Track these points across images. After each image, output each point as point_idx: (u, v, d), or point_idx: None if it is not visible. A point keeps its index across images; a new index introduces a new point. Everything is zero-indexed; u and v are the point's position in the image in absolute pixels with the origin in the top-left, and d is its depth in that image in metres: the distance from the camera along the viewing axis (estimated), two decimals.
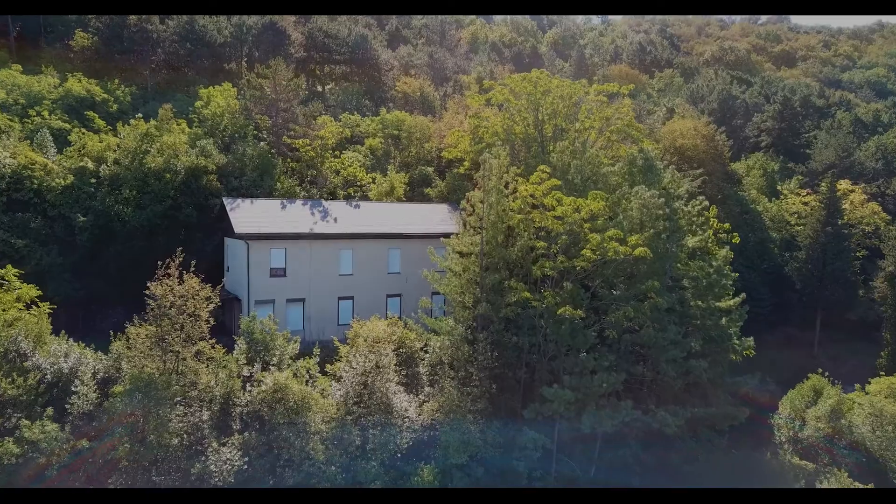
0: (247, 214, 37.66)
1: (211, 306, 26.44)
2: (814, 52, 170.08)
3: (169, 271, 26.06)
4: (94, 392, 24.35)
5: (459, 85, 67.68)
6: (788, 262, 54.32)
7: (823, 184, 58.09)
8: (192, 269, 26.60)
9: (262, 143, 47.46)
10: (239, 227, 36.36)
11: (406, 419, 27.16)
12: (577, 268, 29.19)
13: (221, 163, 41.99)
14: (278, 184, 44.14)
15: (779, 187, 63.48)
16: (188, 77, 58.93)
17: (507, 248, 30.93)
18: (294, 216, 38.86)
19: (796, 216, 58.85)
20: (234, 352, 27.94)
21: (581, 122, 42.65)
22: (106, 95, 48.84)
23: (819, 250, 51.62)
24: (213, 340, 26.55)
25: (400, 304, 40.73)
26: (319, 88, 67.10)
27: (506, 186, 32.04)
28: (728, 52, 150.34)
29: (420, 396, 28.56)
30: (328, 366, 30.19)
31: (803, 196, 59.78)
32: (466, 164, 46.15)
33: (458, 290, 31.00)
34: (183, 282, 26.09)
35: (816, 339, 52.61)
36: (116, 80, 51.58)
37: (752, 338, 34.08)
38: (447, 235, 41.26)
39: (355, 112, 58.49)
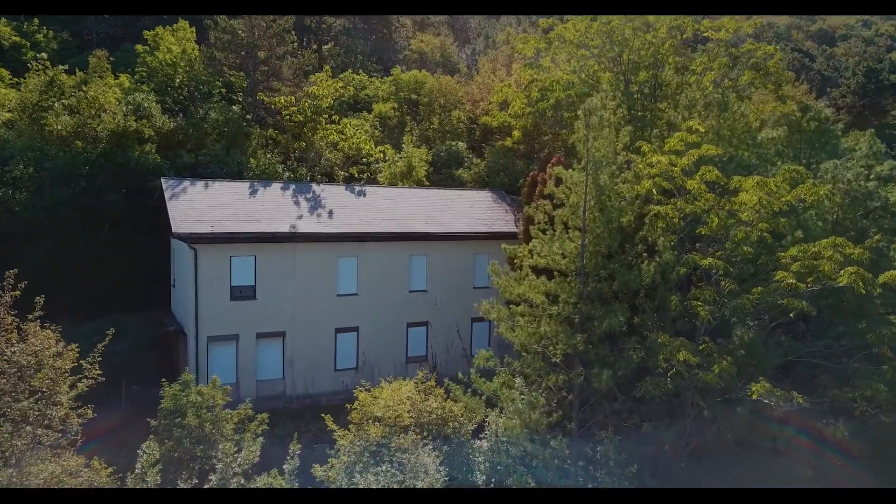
0: (195, 204, 24.64)
1: (83, 384, 13.45)
2: (854, 31, 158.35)
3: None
4: None
5: (493, 41, 54.26)
6: None
7: None
8: (40, 308, 13.53)
9: (234, 107, 34.39)
10: (181, 222, 23.34)
11: None
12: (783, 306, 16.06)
13: (167, 128, 28.89)
14: (252, 160, 31.13)
15: None
16: (146, 24, 45.60)
17: (631, 265, 17.85)
18: (270, 207, 25.86)
19: None
20: (138, 463, 14.90)
21: (685, 74, 29.51)
22: (18, 39, 35.63)
23: None
24: (78, 459, 13.42)
25: (427, 337, 27.80)
26: (315, 47, 53.74)
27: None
28: (766, 29, 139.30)
29: None
30: (316, 468, 17.17)
31: None
32: (516, 133, 33.03)
33: (537, 337, 17.96)
34: (24, 337, 13.14)
35: None
36: (36, 21, 38.27)
37: None
38: (495, 236, 28.48)
39: (361, 71, 45.26)
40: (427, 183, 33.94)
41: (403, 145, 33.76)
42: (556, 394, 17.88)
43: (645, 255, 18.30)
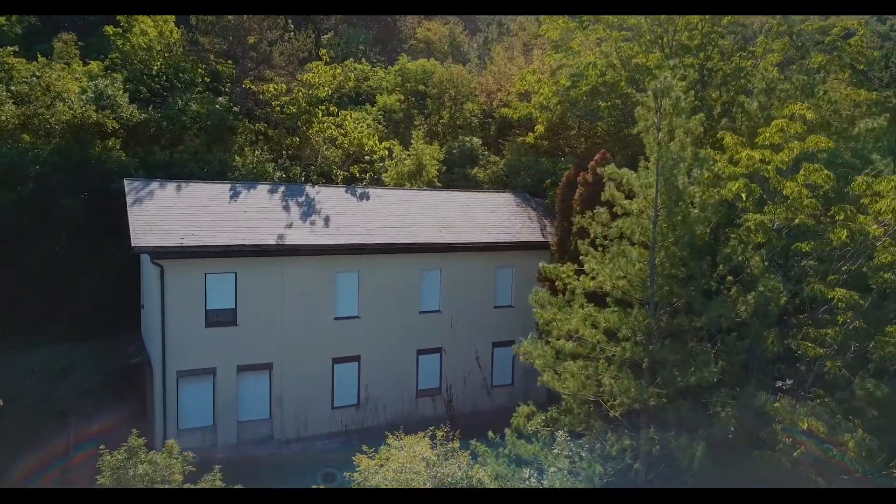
0: (163, 210, 20.49)
1: None
2: (869, 26, 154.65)
3: None
4: None
5: (507, 27, 49.99)
6: None
7: None
8: None
9: (220, 98, 30.24)
10: (143, 234, 19.19)
11: None
12: None
13: (136, 120, 24.76)
14: (238, 158, 27.02)
15: None
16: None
17: (712, 292, 13.69)
18: (255, 214, 21.71)
19: None
20: None
21: (740, 57, 25.41)
22: None
23: None
24: None
25: (440, 366, 23.64)
26: (312, 36, 49.50)
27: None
28: (794, 24, 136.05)
29: None
30: None
31: None
32: (540, 127, 28.87)
33: (592, 386, 13.80)
34: None
35: None
36: None
37: None
38: (520, 246, 24.38)
39: (363, 60, 41.12)
40: (438, 184, 29.81)
41: (412, 141, 29.58)
42: (618, 462, 13.70)
43: (729, 278, 14.17)
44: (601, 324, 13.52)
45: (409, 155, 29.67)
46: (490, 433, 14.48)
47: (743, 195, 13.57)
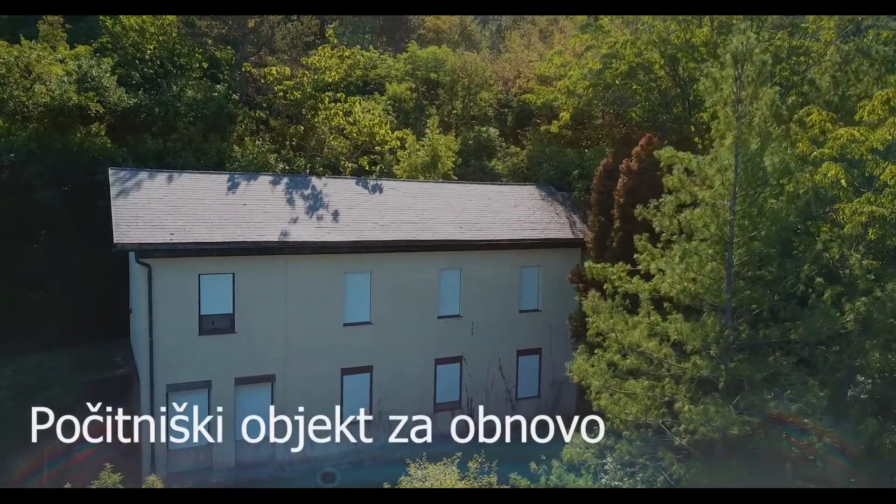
0: (152, 203, 18.20)
1: None
2: (880, 22, 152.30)
3: None
4: None
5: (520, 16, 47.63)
6: None
7: None
8: None
9: (218, 85, 27.97)
10: (126, 229, 16.92)
11: None
12: None
13: (124, 105, 22.48)
14: (237, 148, 24.74)
15: None
16: None
17: (796, 297, 11.39)
18: (255, 208, 19.42)
19: None
20: None
21: (789, 35, 23.15)
22: None
23: None
24: None
25: (460, 377, 21.36)
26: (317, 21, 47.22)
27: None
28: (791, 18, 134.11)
29: None
30: None
31: None
32: (565, 115, 26.50)
33: (658, 410, 11.52)
34: None
35: None
36: None
37: None
38: (548, 243, 22.13)
39: (371, 48, 38.83)
40: (454, 177, 27.51)
41: (427, 130, 27.25)
42: None
43: (819, 280, 11.85)
44: (671, 335, 11.21)
45: (422, 146, 27.36)
46: (533, 464, 12.18)
47: (843, 181, 11.23)
